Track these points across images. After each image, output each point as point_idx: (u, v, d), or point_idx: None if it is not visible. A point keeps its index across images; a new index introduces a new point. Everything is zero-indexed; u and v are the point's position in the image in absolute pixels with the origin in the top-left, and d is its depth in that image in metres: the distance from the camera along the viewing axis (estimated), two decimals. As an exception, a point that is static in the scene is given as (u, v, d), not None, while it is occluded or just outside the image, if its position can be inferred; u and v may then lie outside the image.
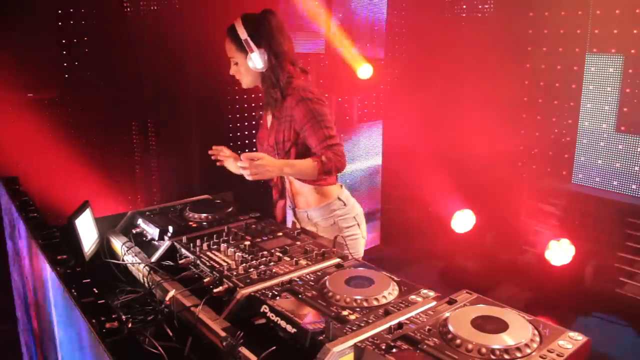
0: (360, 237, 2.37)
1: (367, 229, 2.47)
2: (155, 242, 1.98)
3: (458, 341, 1.19)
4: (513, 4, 4.52)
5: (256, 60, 2.18)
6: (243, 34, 2.16)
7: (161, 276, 1.76)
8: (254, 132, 4.66)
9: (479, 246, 4.63)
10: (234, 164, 2.36)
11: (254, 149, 4.71)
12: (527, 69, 4.44)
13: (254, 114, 4.59)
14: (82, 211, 1.93)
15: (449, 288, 1.51)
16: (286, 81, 2.23)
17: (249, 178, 2.05)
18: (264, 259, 1.75)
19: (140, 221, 2.14)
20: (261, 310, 1.44)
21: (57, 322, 1.32)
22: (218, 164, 2.44)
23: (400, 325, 1.26)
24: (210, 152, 2.44)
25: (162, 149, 4.31)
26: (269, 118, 2.37)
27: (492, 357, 1.15)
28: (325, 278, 1.60)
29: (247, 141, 4.63)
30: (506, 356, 1.15)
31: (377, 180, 4.72)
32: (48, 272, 1.25)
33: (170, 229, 1.98)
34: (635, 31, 3.73)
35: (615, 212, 3.88)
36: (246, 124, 4.60)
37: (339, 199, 2.33)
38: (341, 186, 2.39)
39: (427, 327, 1.26)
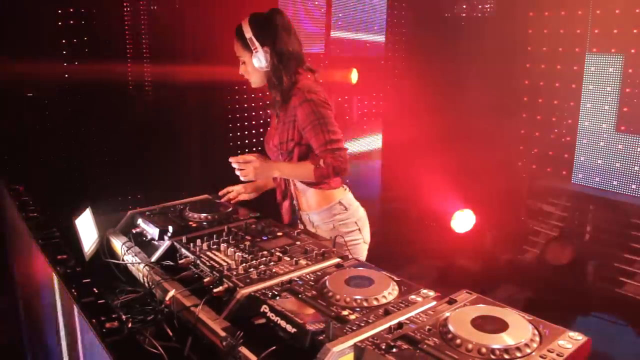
0: (362, 243, 2.34)
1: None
2: (155, 242, 1.98)
3: (458, 341, 1.19)
4: (513, 4, 4.52)
5: (260, 59, 2.18)
6: (248, 32, 2.17)
7: (161, 276, 1.76)
8: (254, 132, 4.66)
9: (479, 246, 4.62)
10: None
11: (254, 149, 4.72)
12: (527, 69, 4.44)
13: (253, 114, 4.59)
14: (82, 211, 1.93)
15: (449, 288, 1.51)
16: (291, 81, 2.22)
17: (241, 178, 2.11)
18: (264, 259, 1.75)
19: (140, 221, 2.14)
20: (261, 310, 1.44)
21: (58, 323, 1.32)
22: (233, 201, 2.43)
23: (400, 325, 1.26)
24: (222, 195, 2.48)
25: (162, 149, 4.31)
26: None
27: (492, 357, 1.15)
28: (325, 278, 1.60)
29: (246, 141, 4.63)
30: (506, 356, 1.15)
31: (377, 180, 4.73)
32: (48, 272, 1.25)
33: (170, 229, 1.98)
34: (635, 31, 3.72)
35: (615, 212, 3.87)
36: (246, 124, 4.60)
37: (340, 203, 2.30)
38: (345, 189, 2.36)
39: (427, 327, 1.26)
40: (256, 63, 2.20)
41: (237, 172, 2.09)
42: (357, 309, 1.43)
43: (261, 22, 2.19)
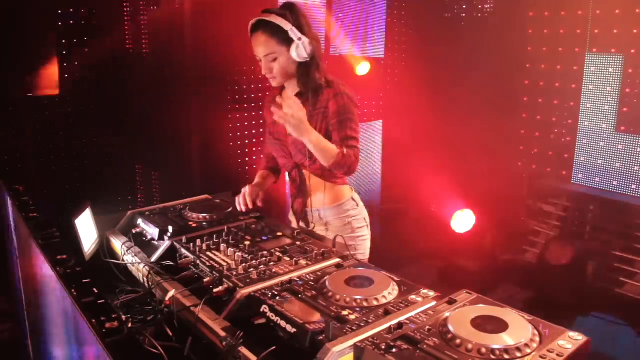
0: (369, 239, 2.37)
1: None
2: (155, 242, 1.98)
3: (458, 341, 1.19)
4: (513, 4, 4.52)
5: (303, 48, 2.08)
6: (287, 25, 2.07)
7: (161, 276, 1.76)
8: (254, 132, 4.66)
9: (479, 246, 4.62)
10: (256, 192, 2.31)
11: (255, 149, 4.72)
12: (527, 69, 4.44)
13: (254, 114, 4.59)
14: (82, 211, 1.93)
15: (449, 288, 1.51)
16: (324, 73, 2.20)
17: (275, 118, 1.98)
18: (264, 259, 1.75)
19: (140, 221, 2.14)
20: (261, 310, 1.44)
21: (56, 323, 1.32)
22: (252, 206, 2.26)
23: (400, 325, 1.26)
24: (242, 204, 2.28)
25: (163, 149, 4.31)
26: None
27: (492, 357, 1.15)
28: (325, 278, 1.60)
29: (246, 141, 4.63)
30: (506, 356, 1.15)
31: (377, 180, 4.73)
32: (47, 272, 1.25)
33: (170, 229, 1.98)
34: (635, 31, 3.73)
35: (615, 212, 3.88)
36: (246, 124, 4.60)
37: (352, 199, 2.33)
38: (351, 188, 2.38)
39: (427, 327, 1.26)
40: (296, 55, 2.09)
41: (276, 117, 1.97)
42: (357, 309, 1.43)
43: (291, 14, 2.11)
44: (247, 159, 4.67)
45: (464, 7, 4.94)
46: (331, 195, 2.30)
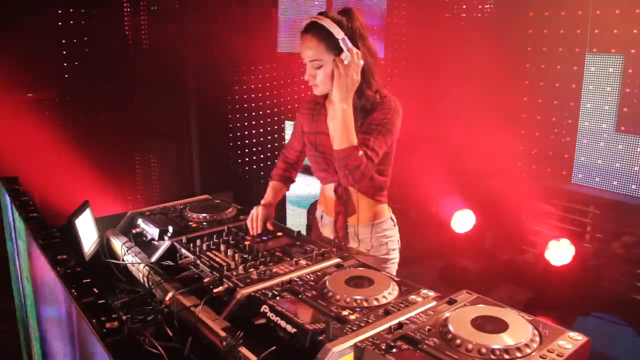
0: (397, 262, 2.24)
1: None
2: (155, 242, 1.98)
3: (458, 341, 1.19)
4: (513, 4, 4.52)
5: (354, 61, 1.90)
6: (339, 33, 1.89)
7: (161, 276, 1.76)
8: (254, 132, 4.67)
9: (479, 246, 4.62)
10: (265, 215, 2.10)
11: (255, 149, 4.72)
12: (527, 69, 4.44)
13: (254, 114, 4.60)
14: (82, 211, 1.93)
15: (449, 288, 1.51)
16: (378, 88, 2.03)
17: (345, 81, 1.89)
18: (263, 259, 1.75)
19: (140, 221, 2.14)
20: (261, 310, 1.44)
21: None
22: (261, 231, 2.06)
23: (400, 325, 1.26)
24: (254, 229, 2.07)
25: (162, 149, 4.32)
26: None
27: (492, 357, 1.15)
28: (325, 278, 1.60)
29: (246, 141, 4.63)
30: (506, 356, 1.15)
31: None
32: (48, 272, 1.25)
33: (170, 229, 1.99)
34: (635, 31, 3.72)
35: (615, 212, 3.87)
36: (246, 124, 4.60)
37: (391, 219, 2.19)
38: (389, 208, 2.23)
39: (427, 327, 1.26)
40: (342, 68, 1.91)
41: (346, 61, 1.86)
42: (357, 309, 1.43)
43: (351, 20, 1.94)
44: (247, 159, 4.67)
45: (464, 7, 4.94)
46: (371, 212, 2.14)
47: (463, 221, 4.83)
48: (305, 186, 4.39)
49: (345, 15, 1.95)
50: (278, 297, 1.48)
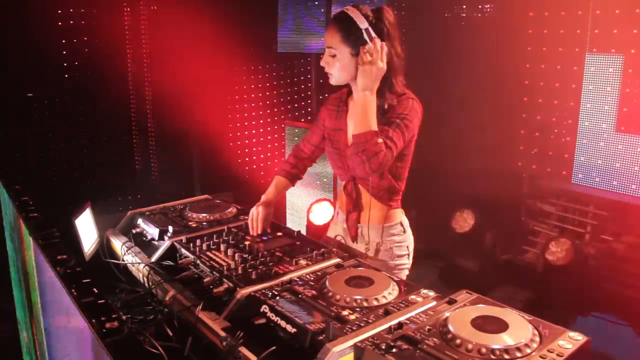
0: (408, 268, 2.18)
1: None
2: (155, 242, 1.98)
3: (458, 341, 1.19)
4: (513, 4, 4.52)
5: (370, 54, 1.89)
6: (363, 23, 1.87)
7: (161, 276, 1.76)
8: (254, 132, 4.66)
9: (479, 246, 4.62)
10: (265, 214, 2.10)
11: (255, 149, 4.71)
12: (527, 69, 4.44)
13: (254, 114, 4.59)
14: (82, 211, 1.93)
15: (449, 288, 1.51)
16: (402, 90, 2.01)
17: (370, 69, 1.88)
18: (264, 259, 1.75)
19: (140, 221, 2.14)
20: (261, 310, 1.44)
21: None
22: (261, 232, 2.07)
23: (400, 325, 1.26)
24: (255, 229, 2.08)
25: (162, 149, 4.31)
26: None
27: (492, 357, 1.15)
28: (325, 278, 1.60)
29: (246, 141, 4.63)
30: (506, 356, 1.15)
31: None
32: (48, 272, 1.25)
33: (170, 229, 1.99)
34: (635, 31, 3.72)
35: (615, 212, 3.87)
36: (246, 124, 4.60)
37: (401, 224, 2.16)
38: (403, 212, 2.20)
39: (427, 327, 1.26)
40: (359, 59, 1.91)
41: (368, 47, 1.85)
42: (357, 309, 1.43)
43: (379, 16, 1.93)
44: (247, 159, 4.67)
45: (464, 7, 4.94)
46: (381, 214, 2.10)
47: (462, 221, 4.83)
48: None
49: (375, 12, 1.95)
50: (278, 297, 1.48)
